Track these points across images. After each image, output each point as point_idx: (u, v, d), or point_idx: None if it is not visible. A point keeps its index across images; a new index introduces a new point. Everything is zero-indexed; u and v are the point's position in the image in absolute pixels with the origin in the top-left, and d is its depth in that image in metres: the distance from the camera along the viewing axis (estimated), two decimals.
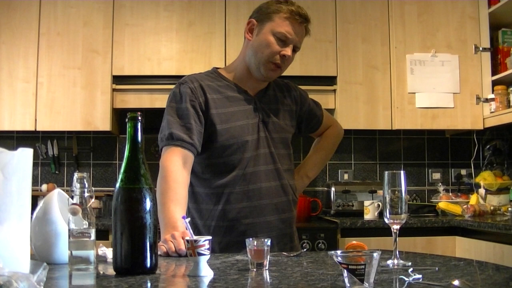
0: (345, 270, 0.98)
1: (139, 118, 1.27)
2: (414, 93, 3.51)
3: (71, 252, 1.24)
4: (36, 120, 3.40)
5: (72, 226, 1.24)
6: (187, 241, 1.20)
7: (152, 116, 3.66)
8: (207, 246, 1.20)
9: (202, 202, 1.84)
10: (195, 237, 1.21)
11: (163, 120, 1.86)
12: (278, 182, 1.86)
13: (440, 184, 3.71)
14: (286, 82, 2.08)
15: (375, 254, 0.98)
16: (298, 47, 1.87)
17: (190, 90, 1.82)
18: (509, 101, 3.35)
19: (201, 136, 1.80)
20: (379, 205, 3.18)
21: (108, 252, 1.42)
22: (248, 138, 1.82)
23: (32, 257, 1.16)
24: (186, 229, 1.26)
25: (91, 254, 1.24)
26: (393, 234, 1.34)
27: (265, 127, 1.88)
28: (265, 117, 1.89)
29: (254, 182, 1.81)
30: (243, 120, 1.84)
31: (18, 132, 3.64)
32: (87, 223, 1.25)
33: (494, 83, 3.46)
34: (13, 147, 1.03)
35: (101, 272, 1.25)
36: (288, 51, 1.83)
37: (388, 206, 1.33)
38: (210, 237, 1.22)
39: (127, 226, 1.21)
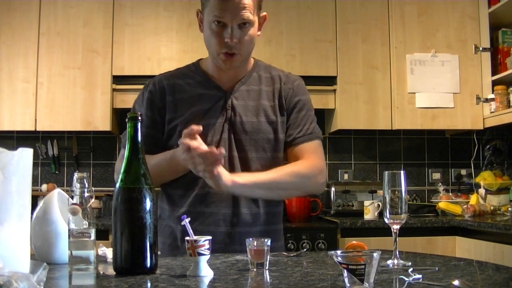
0: (345, 270, 0.98)
1: (139, 118, 1.27)
2: (414, 93, 3.51)
3: (71, 252, 1.24)
4: (36, 120, 3.40)
5: (72, 226, 1.24)
6: (187, 241, 1.20)
7: None
8: (207, 246, 1.20)
9: (162, 202, 1.79)
10: (195, 237, 1.21)
11: None
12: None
13: (440, 184, 3.71)
14: (285, 73, 1.82)
15: (375, 254, 0.98)
16: (244, 21, 1.61)
17: (150, 94, 1.75)
18: (509, 101, 3.35)
19: (154, 140, 1.71)
20: (379, 205, 3.18)
21: (108, 252, 1.42)
22: (206, 140, 1.60)
23: (32, 257, 1.15)
24: (186, 229, 1.26)
25: (91, 254, 1.24)
26: (393, 234, 1.34)
27: (231, 127, 1.69)
28: (234, 116, 1.70)
29: (203, 187, 1.65)
30: (205, 120, 1.68)
31: (18, 132, 3.64)
32: (87, 223, 1.25)
33: (494, 83, 3.47)
34: (13, 147, 1.03)
35: (101, 272, 1.25)
36: (228, 36, 1.60)
37: (388, 206, 1.33)
38: (210, 237, 1.22)
39: (127, 226, 1.21)
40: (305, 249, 1.51)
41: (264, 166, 1.69)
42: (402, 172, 1.33)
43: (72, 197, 1.27)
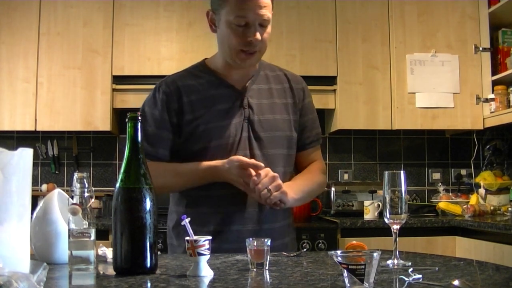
0: (345, 270, 0.98)
1: (139, 118, 1.27)
2: (414, 93, 3.51)
3: (71, 252, 1.24)
4: (36, 120, 3.40)
5: (72, 226, 1.24)
6: (187, 241, 1.20)
7: None
8: (207, 246, 1.20)
9: (179, 205, 1.79)
10: (195, 237, 1.21)
11: None
12: None
13: (440, 184, 3.71)
14: (289, 73, 1.87)
15: (375, 254, 0.98)
16: (265, 21, 1.64)
17: (165, 95, 1.72)
18: (509, 101, 3.35)
19: (170, 143, 1.72)
20: (379, 205, 3.18)
21: (108, 252, 1.42)
22: (228, 140, 1.68)
23: (32, 257, 1.16)
24: (186, 229, 1.26)
25: (91, 254, 1.24)
26: (393, 234, 1.34)
27: (250, 126, 1.71)
28: (252, 115, 1.72)
29: (224, 187, 1.66)
30: (224, 120, 1.70)
31: (18, 132, 3.64)
32: (87, 223, 1.25)
33: (494, 83, 3.46)
34: (13, 147, 1.03)
35: (101, 272, 1.25)
36: (252, 35, 1.63)
37: (388, 206, 1.33)
38: (210, 237, 1.22)
39: (127, 226, 1.21)
40: (305, 249, 1.51)
41: (284, 164, 1.75)
42: (402, 172, 1.33)
43: (72, 197, 1.27)
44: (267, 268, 1.27)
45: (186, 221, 1.27)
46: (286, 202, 1.63)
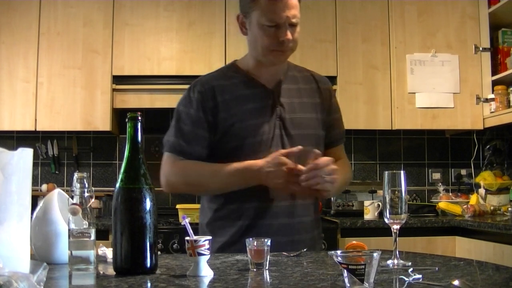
0: (345, 270, 0.98)
1: (139, 118, 1.27)
2: (414, 93, 3.51)
3: (71, 252, 1.24)
4: (36, 120, 3.40)
5: (72, 226, 1.24)
6: (187, 241, 1.20)
7: (152, 116, 3.68)
8: (207, 246, 1.20)
9: (214, 202, 1.83)
10: (195, 237, 1.21)
11: (172, 119, 1.83)
12: None
13: (440, 184, 3.71)
14: (316, 74, 1.95)
15: (375, 254, 0.98)
16: (295, 20, 1.72)
17: (200, 94, 1.77)
18: (509, 101, 3.35)
19: (206, 141, 1.76)
20: (379, 205, 3.18)
21: (108, 252, 1.42)
22: (262, 138, 1.74)
23: (32, 257, 1.16)
24: (186, 229, 1.26)
25: (91, 254, 1.25)
26: (393, 234, 1.34)
27: (282, 124, 1.77)
28: (283, 113, 1.78)
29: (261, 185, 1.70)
30: (257, 118, 1.75)
31: (18, 132, 3.64)
32: (87, 223, 1.25)
33: (494, 83, 3.46)
34: (13, 147, 1.03)
35: (101, 272, 1.25)
36: (283, 36, 1.70)
37: (388, 206, 1.33)
38: (210, 237, 1.22)
39: (127, 226, 1.21)
40: (305, 249, 1.51)
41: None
42: (402, 172, 1.34)
43: (72, 197, 1.28)
44: (267, 268, 1.27)
45: (186, 221, 1.27)
46: (331, 189, 1.68)
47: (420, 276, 1.10)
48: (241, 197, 1.74)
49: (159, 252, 1.29)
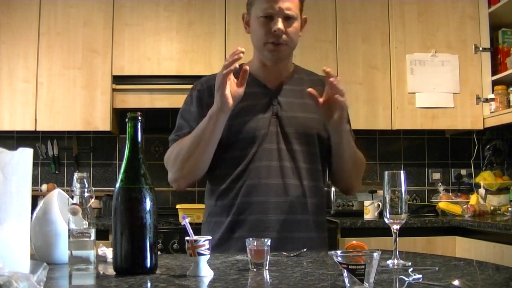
0: (345, 270, 0.98)
1: (139, 118, 1.27)
2: (414, 93, 3.51)
3: (71, 252, 1.24)
4: (36, 120, 3.40)
5: (72, 226, 1.24)
6: (187, 241, 1.20)
7: (152, 116, 3.68)
8: (207, 246, 1.20)
9: (210, 198, 1.85)
10: (195, 237, 1.21)
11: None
12: (280, 181, 1.75)
13: (440, 184, 3.71)
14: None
15: (375, 254, 0.98)
16: (289, 14, 1.76)
17: (199, 92, 1.83)
18: (509, 101, 3.35)
19: None
20: (379, 205, 3.18)
21: (108, 252, 1.42)
22: (256, 133, 1.76)
23: (32, 257, 1.16)
24: (186, 229, 1.26)
25: (91, 254, 1.24)
26: (393, 234, 1.34)
27: (278, 121, 1.79)
28: (280, 111, 1.80)
29: (253, 178, 1.75)
30: (253, 115, 1.78)
31: (18, 132, 3.64)
32: (87, 223, 1.25)
33: (494, 83, 3.46)
34: (13, 147, 1.03)
35: (101, 272, 1.25)
36: (275, 25, 1.73)
37: (388, 206, 1.33)
38: (210, 237, 1.22)
39: (127, 226, 1.21)
40: (305, 249, 1.51)
41: (308, 160, 1.80)
42: (402, 172, 1.34)
43: (72, 197, 1.27)
44: (267, 268, 1.27)
45: (186, 221, 1.27)
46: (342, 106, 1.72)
47: (420, 276, 1.10)
48: (233, 195, 1.76)
49: (159, 252, 1.28)
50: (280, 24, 1.74)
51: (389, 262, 1.30)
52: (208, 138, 1.70)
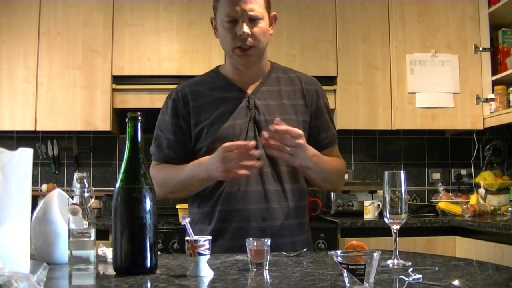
0: (345, 270, 0.98)
1: (139, 118, 1.27)
2: (414, 93, 3.51)
3: (71, 252, 1.24)
4: (36, 120, 3.40)
5: (72, 226, 1.24)
6: (187, 241, 1.20)
7: (152, 116, 3.64)
8: (207, 246, 1.20)
9: (192, 205, 1.85)
10: (195, 237, 1.21)
11: None
12: (260, 187, 1.71)
13: (440, 184, 3.71)
14: (302, 75, 1.91)
15: (375, 254, 0.98)
16: (253, 16, 1.70)
17: (174, 102, 1.82)
18: (509, 101, 3.35)
19: (181, 147, 1.80)
20: (379, 205, 3.18)
21: (108, 252, 1.42)
22: (234, 140, 1.70)
23: (32, 257, 1.16)
24: (186, 229, 1.26)
25: (91, 254, 1.25)
26: (393, 234, 1.34)
27: (256, 126, 1.75)
28: (258, 115, 1.76)
29: (232, 185, 1.71)
30: (230, 121, 1.75)
31: (18, 132, 3.64)
32: (87, 223, 1.25)
33: (494, 83, 3.46)
34: (13, 147, 1.03)
35: (101, 272, 1.25)
36: (240, 29, 1.69)
37: (388, 206, 1.33)
38: (210, 237, 1.22)
39: (127, 226, 1.21)
40: (305, 249, 1.51)
41: (288, 164, 1.75)
42: (402, 172, 1.34)
43: (72, 197, 1.28)
44: (267, 268, 1.27)
45: (186, 221, 1.27)
46: (304, 147, 1.65)
47: (420, 276, 1.10)
48: (212, 201, 1.75)
49: (159, 252, 1.29)
50: (245, 28, 1.69)
51: (389, 262, 1.30)
52: (195, 189, 1.76)
